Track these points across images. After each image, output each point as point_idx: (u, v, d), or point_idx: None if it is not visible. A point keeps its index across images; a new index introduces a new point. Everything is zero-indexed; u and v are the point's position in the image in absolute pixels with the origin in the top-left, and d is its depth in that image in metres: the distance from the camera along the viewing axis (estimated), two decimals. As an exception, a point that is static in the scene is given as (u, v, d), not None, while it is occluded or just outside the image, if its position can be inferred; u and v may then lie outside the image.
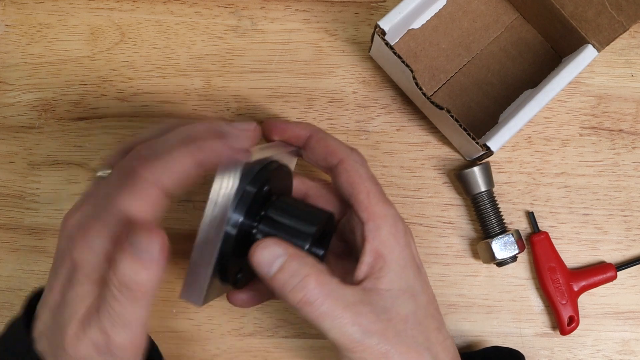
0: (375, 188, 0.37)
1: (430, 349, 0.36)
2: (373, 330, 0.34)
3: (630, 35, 0.50)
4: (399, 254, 0.36)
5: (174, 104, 0.50)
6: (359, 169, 0.38)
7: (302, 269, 0.33)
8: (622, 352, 0.48)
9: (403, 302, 0.36)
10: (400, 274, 0.36)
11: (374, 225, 0.36)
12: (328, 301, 0.33)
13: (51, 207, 0.49)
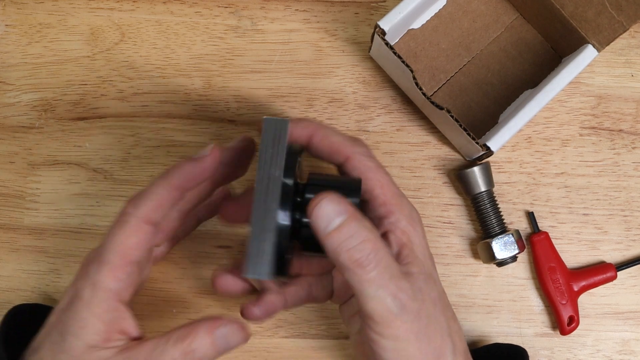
0: (386, 179, 0.37)
1: (451, 335, 0.36)
2: (409, 307, 0.34)
3: (630, 35, 0.50)
4: (419, 243, 0.37)
5: (174, 104, 0.50)
6: (367, 162, 0.38)
7: (361, 232, 0.33)
8: (622, 352, 0.48)
9: (430, 285, 0.36)
10: (423, 260, 0.37)
11: (394, 219, 0.36)
12: (379, 268, 0.33)
13: (51, 207, 0.49)
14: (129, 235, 0.35)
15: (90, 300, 0.35)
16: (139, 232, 0.35)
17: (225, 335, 0.36)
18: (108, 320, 0.35)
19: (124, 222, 0.35)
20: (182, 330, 0.35)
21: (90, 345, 0.35)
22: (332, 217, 0.33)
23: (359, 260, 0.33)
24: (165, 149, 0.49)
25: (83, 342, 0.35)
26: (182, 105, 0.50)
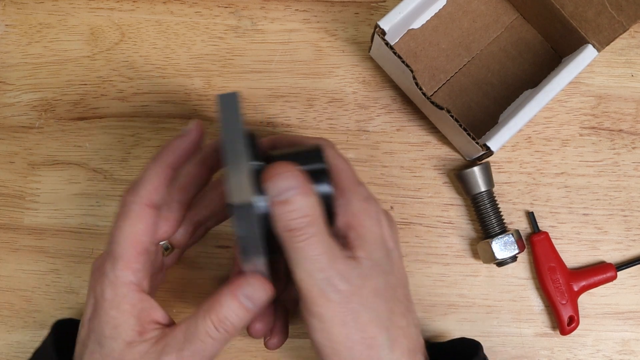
0: (345, 165, 0.38)
1: (389, 329, 0.35)
2: (340, 288, 0.34)
3: (630, 35, 0.50)
4: (369, 228, 0.36)
5: (174, 104, 0.50)
6: (327, 150, 0.38)
7: (303, 208, 0.34)
8: (622, 352, 0.48)
9: (376, 274, 0.35)
10: (372, 246, 0.36)
11: (345, 201, 0.36)
12: (311, 240, 0.34)
13: (51, 207, 0.49)
14: (135, 223, 0.36)
15: (114, 298, 0.35)
16: (144, 218, 0.36)
17: (249, 295, 0.36)
18: (138, 314, 0.35)
19: (127, 212, 0.36)
20: (209, 302, 0.35)
21: (128, 342, 0.35)
22: (283, 189, 0.34)
23: (294, 229, 0.34)
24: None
25: (121, 341, 0.35)
26: (182, 105, 0.49)
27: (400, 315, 0.36)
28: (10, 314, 0.48)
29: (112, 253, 0.35)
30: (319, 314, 0.34)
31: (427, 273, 0.48)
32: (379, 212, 0.37)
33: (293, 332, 0.48)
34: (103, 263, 0.36)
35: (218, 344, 0.35)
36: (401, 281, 0.38)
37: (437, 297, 0.48)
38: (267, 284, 0.36)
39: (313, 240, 0.34)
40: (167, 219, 0.40)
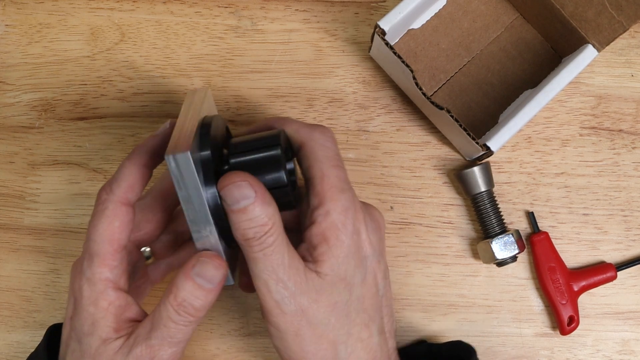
0: (331, 172, 0.36)
1: (347, 343, 0.35)
2: (295, 301, 0.34)
3: (630, 35, 0.50)
4: (342, 242, 0.35)
5: (174, 104, 0.50)
6: (318, 151, 0.36)
7: (261, 217, 0.34)
8: (622, 352, 0.48)
9: (337, 290, 0.35)
10: (340, 261, 0.35)
11: (324, 211, 0.35)
12: (270, 249, 0.34)
13: (51, 207, 0.49)
14: (110, 221, 0.35)
15: (91, 295, 0.35)
16: (119, 215, 0.36)
17: (202, 273, 0.35)
18: (115, 311, 0.36)
19: (102, 210, 0.36)
20: (168, 287, 0.35)
21: (104, 338, 0.35)
22: (239, 198, 0.33)
23: (250, 238, 0.34)
24: (165, 149, 0.49)
25: (97, 338, 0.35)
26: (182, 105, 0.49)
27: (363, 326, 0.36)
28: (10, 314, 0.48)
29: (88, 251, 0.36)
30: (275, 323, 0.35)
31: (427, 273, 0.48)
32: (357, 220, 0.36)
33: (293, 332, 0.48)
34: (81, 261, 0.36)
35: (183, 328, 0.35)
36: (371, 290, 0.37)
37: (437, 297, 0.48)
38: (218, 259, 0.35)
39: (270, 251, 0.34)
40: (149, 220, 0.40)
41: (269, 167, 0.35)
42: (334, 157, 0.37)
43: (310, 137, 0.37)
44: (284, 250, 0.34)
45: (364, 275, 0.37)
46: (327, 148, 0.37)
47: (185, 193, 0.34)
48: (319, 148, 0.37)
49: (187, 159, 0.33)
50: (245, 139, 0.37)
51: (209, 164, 0.35)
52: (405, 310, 0.48)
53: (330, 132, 0.38)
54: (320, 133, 0.37)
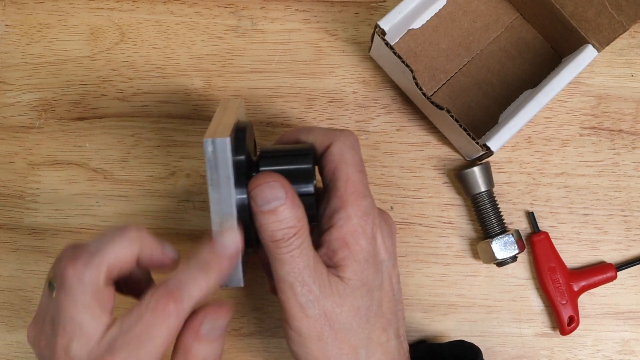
0: (356, 176, 0.36)
1: (367, 347, 0.36)
2: (319, 304, 0.34)
3: (630, 35, 0.50)
4: (363, 247, 0.36)
5: (174, 104, 0.50)
6: (345, 153, 0.36)
7: (290, 219, 0.34)
8: (622, 352, 0.48)
9: (360, 294, 0.35)
10: (362, 266, 0.36)
11: (345, 214, 0.35)
12: (296, 251, 0.34)
13: (51, 207, 0.49)
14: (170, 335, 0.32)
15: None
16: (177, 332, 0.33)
17: (213, 328, 0.33)
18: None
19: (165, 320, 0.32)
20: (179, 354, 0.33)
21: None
22: (270, 199, 0.33)
23: (278, 240, 0.34)
24: (165, 149, 0.49)
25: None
26: (182, 105, 0.49)
27: (382, 330, 0.37)
28: (10, 314, 0.48)
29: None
30: (297, 327, 0.35)
31: (427, 273, 0.48)
32: (375, 226, 0.37)
33: (293, 332, 0.48)
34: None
35: None
36: (388, 294, 0.38)
37: (437, 297, 0.48)
38: (225, 308, 0.34)
39: (297, 253, 0.34)
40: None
41: (299, 178, 0.36)
42: (359, 162, 0.37)
43: (338, 139, 0.37)
44: (310, 253, 0.34)
45: (381, 280, 0.37)
46: (354, 152, 0.37)
47: (216, 179, 0.33)
48: (347, 150, 0.36)
49: (225, 144, 0.33)
50: (276, 148, 0.38)
51: (241, 168, 0.35)
52: (405, 310, 0.48)
53: (356, 137, 0.38)
54: (347, 137, 0.37)
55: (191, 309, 0.33)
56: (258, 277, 0.48)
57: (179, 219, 0.48)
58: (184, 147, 0.49)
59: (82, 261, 0.33)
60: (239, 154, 0.35)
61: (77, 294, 0.32)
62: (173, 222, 0.48)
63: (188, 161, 0.49)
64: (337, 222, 0.35)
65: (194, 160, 0.49)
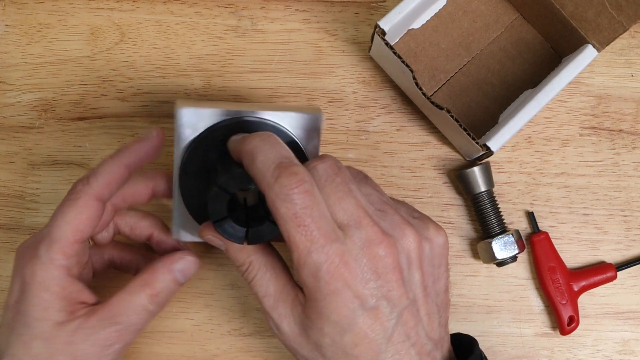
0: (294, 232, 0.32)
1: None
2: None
3: (630, 35, 0.50)
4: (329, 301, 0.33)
5: (174, 104, 0.49)
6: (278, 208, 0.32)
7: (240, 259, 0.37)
8: (622, 352, 0.48)
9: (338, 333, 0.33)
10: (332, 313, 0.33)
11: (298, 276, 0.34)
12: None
13: (51, 207, 0.49)
14: (80, 212, 0.36)
15: (45, 280, 0.36)
16: (89, 209, 0.37)
17: (182, 269, 0.39)
18: (67, 295, 0.37)
19: (74, 200, 0.37)
20: (144, 276, 0.38)
21: (58, 322, 0.36)
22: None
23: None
24: (165, 149, 0.49)
25: (51, 322, 0.36)
26: (182, 105, 0.49)
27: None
28: (10, 314, 0.48)
29: (49, 235, 0.36)
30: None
31: (427, 273, 0.48)
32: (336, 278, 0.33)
33: (293, 332, 0.48)
34: (36, 245, 0.36)
35: (151, 317, 0.38)
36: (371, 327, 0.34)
37: (437, 297, 0.48)
38: (197, 259, 0.40)
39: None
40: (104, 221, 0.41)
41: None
42: (296, 214, 0.32)
43: (269, 193, 0.32)
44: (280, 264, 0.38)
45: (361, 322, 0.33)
46: (289, 204, 0.32)
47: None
48: (280, 205, 0.32)
49: (180, 112, 0.38)
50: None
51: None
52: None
53: (295, 180, 0.32)
54: (282, 186, 0.32)
55: (103, 188, 0.37)
56: (258, 277, 0.48)
57: (179, 219, 0.48)
58: (184, 147, 0.49)
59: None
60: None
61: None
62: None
63: (188, 161, 0.49)
64: (296, 277, 0.35)
65: (194, 160, 0.49)
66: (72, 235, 0.36)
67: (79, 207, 0.36)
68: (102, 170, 0.37)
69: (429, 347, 0.35)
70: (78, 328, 0.36)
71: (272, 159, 0.33)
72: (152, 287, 0.38)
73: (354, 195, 0.34)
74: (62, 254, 0.36)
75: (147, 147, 0.40)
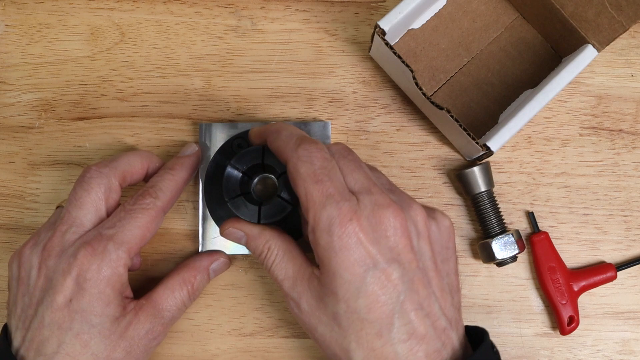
0: (312, 187, 0.35)
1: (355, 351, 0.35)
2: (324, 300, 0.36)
3: (630, 35, 0.50)
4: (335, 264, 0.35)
5: (174, 104, 0.50)
6: (299, 168, 0.36)
7: (260, 245, 0.40)
8: (622, 352, 0.48)
9: (352, 296, 0.34)
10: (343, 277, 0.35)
11: (311, 228, 0.35)
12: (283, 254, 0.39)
13: (51, 207, 0.49)
14: (150, 221, 0.40)
15: (112, 276, 0.38)
16: (157, 220, 0.41)
17: (217, 269, 0.45)
18: (121, 291, 0.39)
19: (146, 210, 0.40)
20: (184, 274, 0.43)
21: (116, 317, 0.38)
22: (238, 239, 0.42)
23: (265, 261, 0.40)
24: (165, 149, 0.49)
25: (110, 318, 0.38)
26: (182, 105, 0.50)
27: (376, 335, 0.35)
28: (10, 314, 0.48)
29: (118, 236, 0.39)
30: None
31: (427, 273, 0.48)
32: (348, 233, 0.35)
33: (293, 332, 0.48)
34: (99, 244, 0.38)
35: (185, 310, 0.43)
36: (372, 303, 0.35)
37: (437, 297, 0.48)
38: (229, 259, 0.46)
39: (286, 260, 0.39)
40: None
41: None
42: (315, 172, 0.36)
43: (290, 157, 0.37)
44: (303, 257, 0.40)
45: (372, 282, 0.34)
46: (309, 164, 0.36)
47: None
48: (301, 165, 0.36)
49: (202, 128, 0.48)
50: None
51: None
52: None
53: (312, 147, 0.37)
54: (303, 150, 0.37)
55: (168, 203, 0.42)
56: (258, 277, 0.48)
57: (179, 219, 0.48)
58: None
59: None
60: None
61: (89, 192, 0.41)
62: (173, 222, 0.48)
63: (188, 161, 0.49)
64: (310, 238, 0.36)
65: (194, 160, 0.49)
66: (140, 240, 0.40)
67: (150, 217, 0.40)
68: (168, 187, 0.42)
69: (443, 323, 0.36)
70: (130, 323, 0.39)
71: (296, 133, 0.38)
72: (191, 284, 0.43)
73: (364, 170, 0.38)
74: (128, 254, 0.39)
75: (196, 162, 0.45)
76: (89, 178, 0.41)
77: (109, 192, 0.41)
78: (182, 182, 0.43)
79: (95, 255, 0.38)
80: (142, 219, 0.40)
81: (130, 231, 0.39)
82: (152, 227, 0.40)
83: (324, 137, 0.47)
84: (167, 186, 0.42)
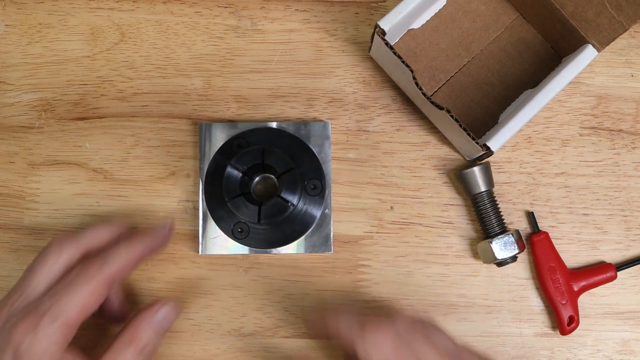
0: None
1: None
2: None
3: (630, 35, 0.50)
4: None
5: (174, 104, 0.50)
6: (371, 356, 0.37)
7: None
8: (622, 352, 0.48)
9: None
10: None
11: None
12: None
13: (51, 207, 0.49)
14: (91, 293, 0.38)
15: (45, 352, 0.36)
16: (98, 294, 0.39)
17: (164, 318, 0.41)
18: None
19: (88, 281, 0.38)
20: (127, 333, 0.39)
21: None
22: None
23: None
24: (165, 149, 0.49)
25: None
26: (182, 105, 0.49)
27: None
28: (10, 314, 0.48)
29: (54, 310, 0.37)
30: None
31: (427, 273, 0.48)
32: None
33: (293, 332, 0.48)
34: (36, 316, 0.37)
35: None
36: None
37: (437, 297, 0.48)
38: (179, 305, 0.42)
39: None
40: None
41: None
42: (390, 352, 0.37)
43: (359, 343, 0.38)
44: None
45: None
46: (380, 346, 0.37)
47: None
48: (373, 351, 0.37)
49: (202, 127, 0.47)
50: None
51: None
52: (405, 311, 0.48)
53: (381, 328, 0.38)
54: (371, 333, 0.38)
55: (115, 275, 0.39)
56: (258, 277, 0.48)
57: (179, 219, 0.48)
58: (184, 147, 0.49)
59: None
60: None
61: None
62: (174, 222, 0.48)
63: (188, 161, 0.49)
64: None
65: (193, 160, 0.49)
66: (77, 315, 0.38)
67: (91, 288, 0.38)
68: (117, 258, 0.40)
69: None
70: None
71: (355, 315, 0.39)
72: (136, 343, 0.39)
73: (435, 350, 0.38)
74: (64, 328, 0.37)
75: (160, 244, 0.44)
76: (48, 253, 0.40)
77: (67, 267, 0.40)
78: (137, 257, 0.41)
79: (28, 330, 0.37)
80: (83, 290, 0.38)
81: (67, 304, 0.37)
82: (93, 299, 0.38)
83: (324, 137, 0.48)
84: (118, 258, 0.40)
